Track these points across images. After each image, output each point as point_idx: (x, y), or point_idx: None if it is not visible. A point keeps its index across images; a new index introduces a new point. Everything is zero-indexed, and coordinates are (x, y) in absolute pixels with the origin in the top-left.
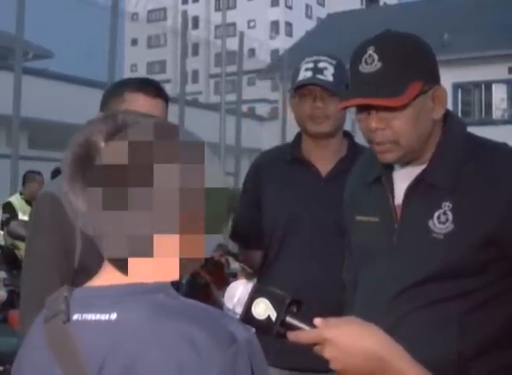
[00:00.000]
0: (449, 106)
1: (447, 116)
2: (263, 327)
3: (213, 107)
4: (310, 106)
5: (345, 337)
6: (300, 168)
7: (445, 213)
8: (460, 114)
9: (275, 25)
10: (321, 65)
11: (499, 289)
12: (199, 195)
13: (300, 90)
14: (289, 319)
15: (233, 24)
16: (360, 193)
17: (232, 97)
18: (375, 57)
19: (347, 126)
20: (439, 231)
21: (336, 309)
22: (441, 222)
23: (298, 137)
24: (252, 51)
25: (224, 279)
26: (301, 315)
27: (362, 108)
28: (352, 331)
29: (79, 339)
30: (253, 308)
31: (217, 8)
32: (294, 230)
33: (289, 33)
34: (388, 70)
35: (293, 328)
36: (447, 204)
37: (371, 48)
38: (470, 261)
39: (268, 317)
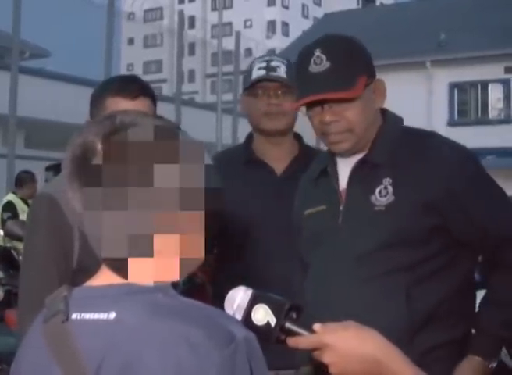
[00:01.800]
0: (446, 106)
1: (385, 111)
2: (262, 333)
3: (209, 107)
4: (265, 103)
5: (344, 341)
6: (256, 168)
7: (385, 188)
8: (456, 114)
9: (271, 25)
10: (273, 64)
11: (443, 262)
12: (199, 195)
13: (254, 89)
14: (288, 324)
15: (230, 24)
16: (308, 189)
17: (228, 96)
18: (323, 57)
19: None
20: (381, 203)
21: None
22: (382, 195)
23: (249, 138)
24: (249, 51)
25: None
26: (300, 321)
27: (315, 105)
28: (350, 336)
29: (77, 338)
30: (252, 315)
31: (213, 8)
32: (252, 229)
33: (286, 33)
34: (337, 68)
35: (293, 334)
36: (387, 179)
37: (317, 50)
38: (412, 229)
39: (268, 323)
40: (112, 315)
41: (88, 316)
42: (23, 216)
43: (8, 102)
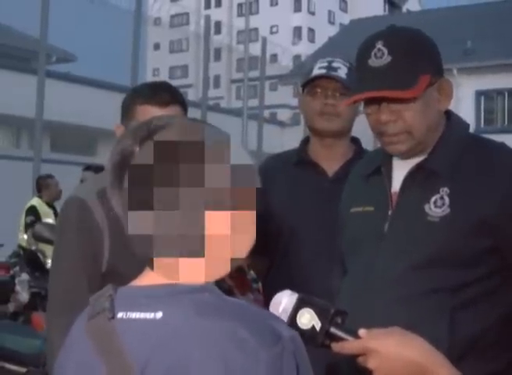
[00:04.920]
0: (472, 114)
1: (450, 114)
2: (307, 337)
3: (235, 112)
4: (321, 103)
5: (389, 347)
6: (306, 169)
7: (442, 198)
8: (482, 122)
9: (297, 31)
10: (335, 64)
11: (491, 285)
12: (250, 195)
13: (312, 87)
14: (333, 329)
15: (256, 29)
16: (358, 186)
17: (254, 102)
18: (385, 51)
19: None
20: (435, 214)
21: None
22: (437, 206)
23: (305, 140)
24: (274, 57)
25: (247, 284)
26: (345, 326)
27: (372, 102)
28: (395, 342)
29: (123, 337)
30: (298, 319)
31: (239, 14)
32: (300, 230)
33: (312, 39)
34: (398, 63)
35: (338, 339)
36: (445, 189)
37: (379, 42)
38: (463, 247)
39: (313, 327)
40: (159, 314)
41: (134, 315)
42: (46, 220)
43: (34, 106)
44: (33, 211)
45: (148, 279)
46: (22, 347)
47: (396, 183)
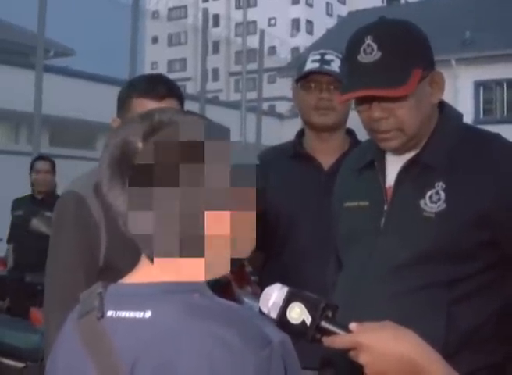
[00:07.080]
0: (471, 104)
1: (444, 106)
2: (298, 332)
3: (233, 105)
4: (315, 97)
5: (380, 342)
6: (302, 162)
7: (437, 193)
8: (481, 112)
9: (295, 23)
10: (328, 57)
11: (487, 280)
12: (250, 195)
13: (306, 82)
14: (324, 323)
15: (254, 22)
16: (351, 180)
17: (252, 95)
18: (374, 46)
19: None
20: (431, 210)
21: None
22: (433, 201)
23: (300, 133)
24: (273, 49)
25: (245, 277)
26: (336, 319)
27: (363, 100)
28: (387, 336)
29: (112, 336)
30: (288, 313)
31: (237, 6)
32: (297, 224)
33: (310, 31)
34: (389, 60)
35: (328, 333)
36: (440, 184)
37: (368, 37)
38: (460, 242)
39: (303, 322)
40: (148, 314)
41: (124, 313)
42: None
43: (33, 101)
44: None
45: (139, 275)
46: (20, 342)
47: (390, 178)
